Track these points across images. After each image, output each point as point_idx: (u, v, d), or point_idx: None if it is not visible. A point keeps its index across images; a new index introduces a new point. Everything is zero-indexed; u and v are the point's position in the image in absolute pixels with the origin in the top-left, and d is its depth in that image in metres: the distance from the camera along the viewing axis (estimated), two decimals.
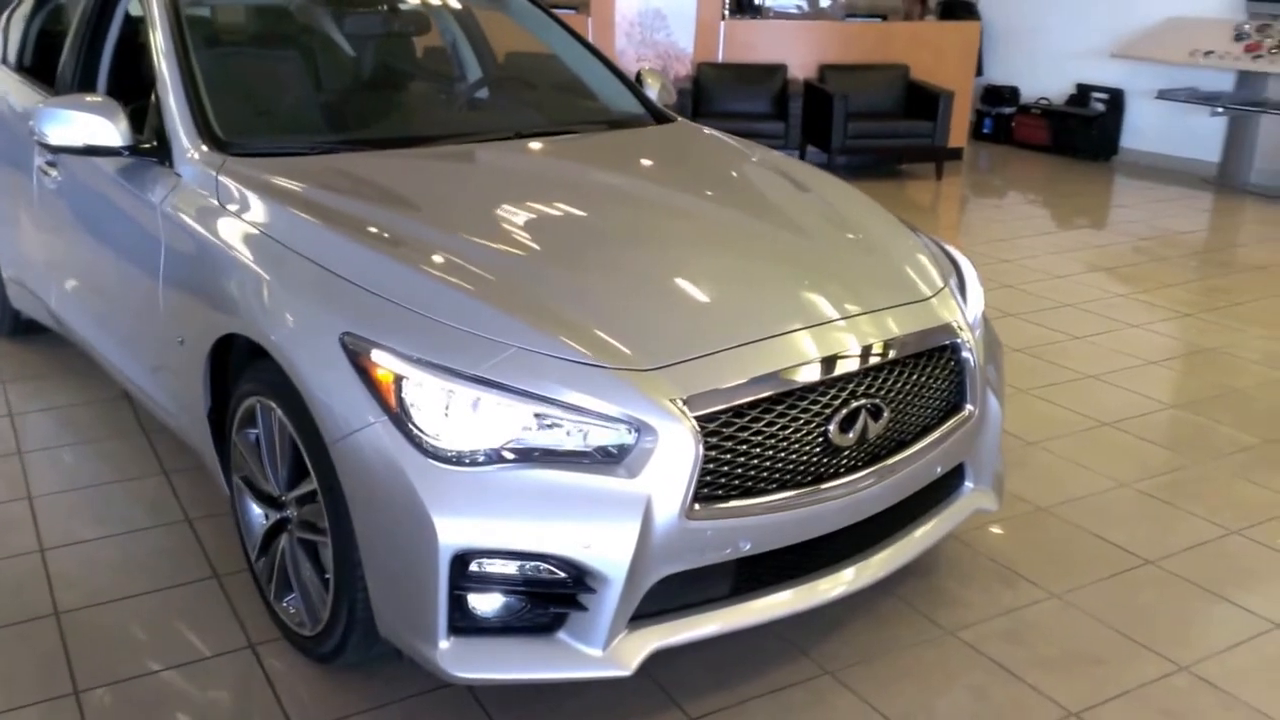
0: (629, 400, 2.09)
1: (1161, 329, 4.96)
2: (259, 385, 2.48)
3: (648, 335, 2.23)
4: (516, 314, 2.21)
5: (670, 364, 2.16)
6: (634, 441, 2.08)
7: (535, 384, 2.10)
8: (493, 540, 2.07)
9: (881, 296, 2.52)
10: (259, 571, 2.67)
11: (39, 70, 3.99)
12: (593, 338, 2.18)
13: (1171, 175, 8.82)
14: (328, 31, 3.65)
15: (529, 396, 2.09)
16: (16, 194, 3.88)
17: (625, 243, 2.61)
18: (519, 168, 3.09)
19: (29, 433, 3.70)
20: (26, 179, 3.70)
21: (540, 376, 2.10)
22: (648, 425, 2.08)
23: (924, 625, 2.64)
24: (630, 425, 2.08)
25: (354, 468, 2.16)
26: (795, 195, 3.06)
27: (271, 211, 2.58)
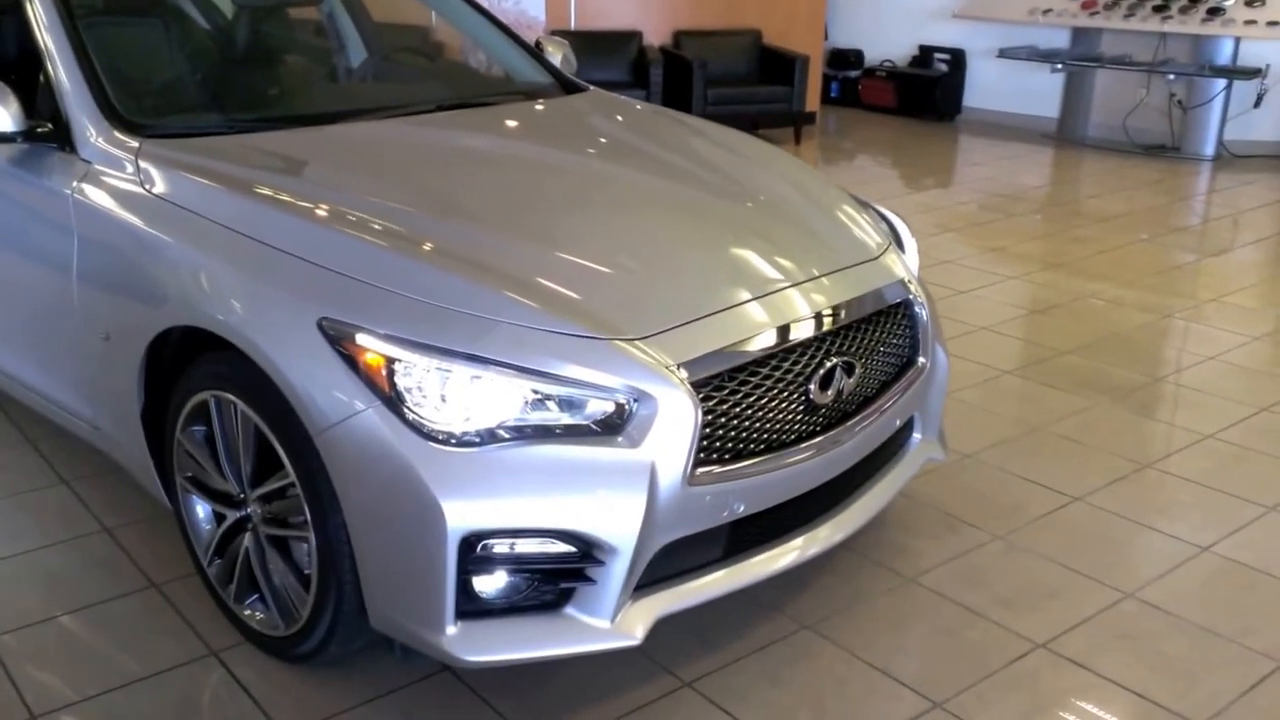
0: (626, 369, 2.16)
1: (1038, 279, 5.32)
2: (214, 379, 2.42)
3: (632, 304, 2.30)
4: (500, 288, 2.24)
5: (660, 331, 2.24)
6: (634, 411, 2.15)
7: (532, 359, 2.13)
8: (500, 520, 2.11)
9: (839, 256, 2.66)
10: (214, 575, 2.62)
11: None
12: (580, 309, 2.23)
13: (1013, 132, 9.39)
14: (221, 3, 3.54)
15: (527, 372, 2.13)
16: None
17: (588, 214, 2.67)
18: (456, 142, 3.09)
19: None
20: None
21: (535, 351, 2.15)
22: (646, 394, 2.15)
23: (886, 575, 2.82)
24: (629, 394, 2.15)
25: (344, 457, 2.15)
26: (735, 160, 3.17)
27: (213, 196, 2.51)
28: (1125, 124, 8.77)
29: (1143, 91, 8.68)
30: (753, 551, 2.41)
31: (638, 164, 3.05)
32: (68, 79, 2.81)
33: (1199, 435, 3.64)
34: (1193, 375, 4.16)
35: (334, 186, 2.61)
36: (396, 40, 4.10)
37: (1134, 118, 8.74)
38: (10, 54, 3.41)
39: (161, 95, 3.07)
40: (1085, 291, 5.15)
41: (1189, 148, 8.40)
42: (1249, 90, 8.27)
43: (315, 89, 3.51)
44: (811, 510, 2.52)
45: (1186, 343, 4.51)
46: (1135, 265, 5.59)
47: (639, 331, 2.22)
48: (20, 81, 2.83)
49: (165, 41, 3.30)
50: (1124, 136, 8.79)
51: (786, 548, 2.45)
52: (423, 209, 2.53)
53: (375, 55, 3.90)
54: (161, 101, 3.04)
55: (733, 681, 2.43)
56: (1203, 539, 3.01)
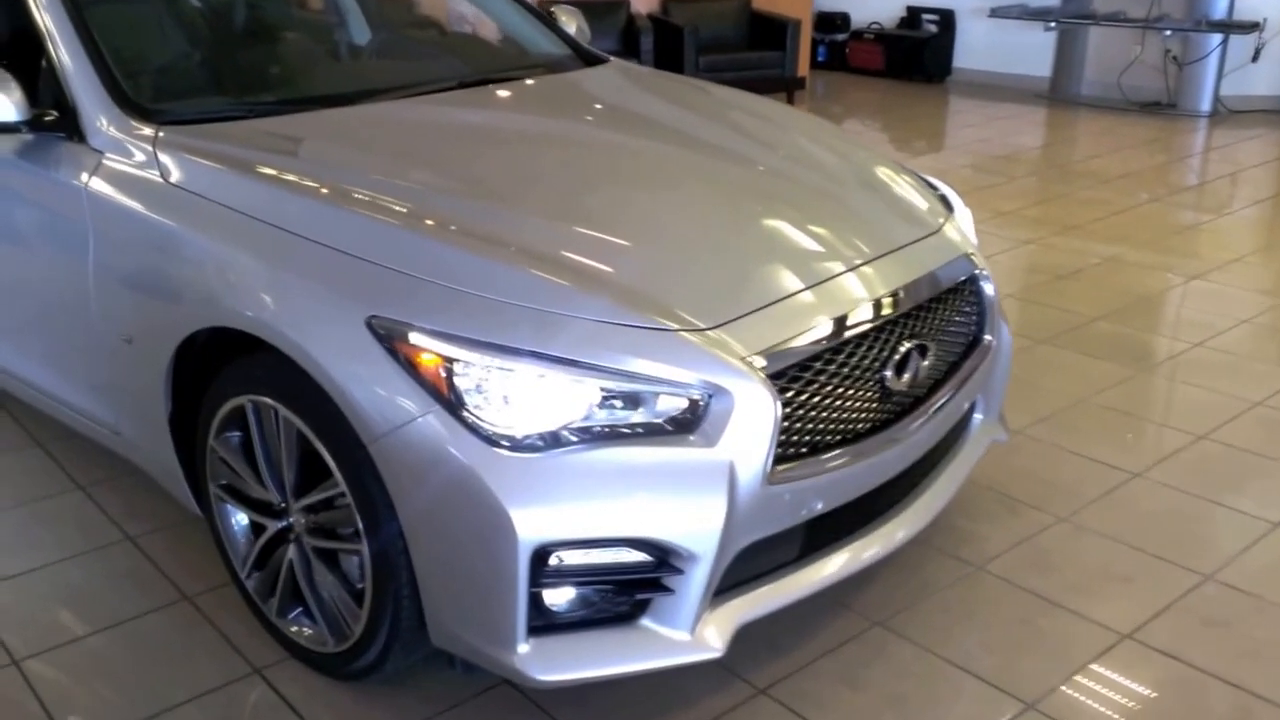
0: (699, 363, 1.99)
1: (1055, 243, 5.18)
2: (251, 383, 2.24)
3: (697, 292, 2.13)
4: (558, 280, 2.06)
5: (730, 320, 2.07)
6: (709, 407, 1.99)
7: (600, 355, 1.96)
8: (572, 530, 1.94)
9: (904, 232, 2.50)
10: (253, 588, 2.44)
11: None
12: (644, 299, 2.06)
13: (1005, 92, 9.21)
14: None
15: (595, 370, 1.95)
16: None
17: (638, 196, 2.48)
18: (489, 121, 2.90)
19: None
20: None
21: (603, 346, 1.97)
22: (721, 388, 1.98)
23: (952, 564, 2.68)
24: (703, 390, 1.98)
25: (402, 466, 1.98)
26: (778, 133, 3.00)
27: (242, 187, 2.31)
28: (1120, 81, 8.61)
29: (1137, 48, 8.52)
30: (829, 550, 2.25)
31: (680, 140, 2.86)
32: (72, 63, 2.59)
33: (1248, 403, 3.51)
34: (1230, 339, 4.03)
35: (371, 173, 2.41)
36: (403, 14, 3.88)
37: (1129, 75, 8.59)
38: (4, 37, 3.18)
39: (172, 78, 2.86)
40: (1105, 255, 5.00)
41: (1185, 104, 8.25)
42: (1245, 44, 8.13)
43: (332, 68, 3.29)
44: (883, 502, 2.37)
45: (1217, 305, 4.38)
46: (1151, 226, 5.45)
47: (708, 321, 2.05)
48: (18, 67, 2.60)
49: (172, 21, 3.08)
50: (1119, 94, 8.63)
51: (864, 543, 2.30)
52: (468, 196, 2.34)
53: (387, 30, 3.69)
54: (173, 85, 2.83)
55: (808, 686, 2.29)
56: (1272, 514, 2.89)
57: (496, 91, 3.08)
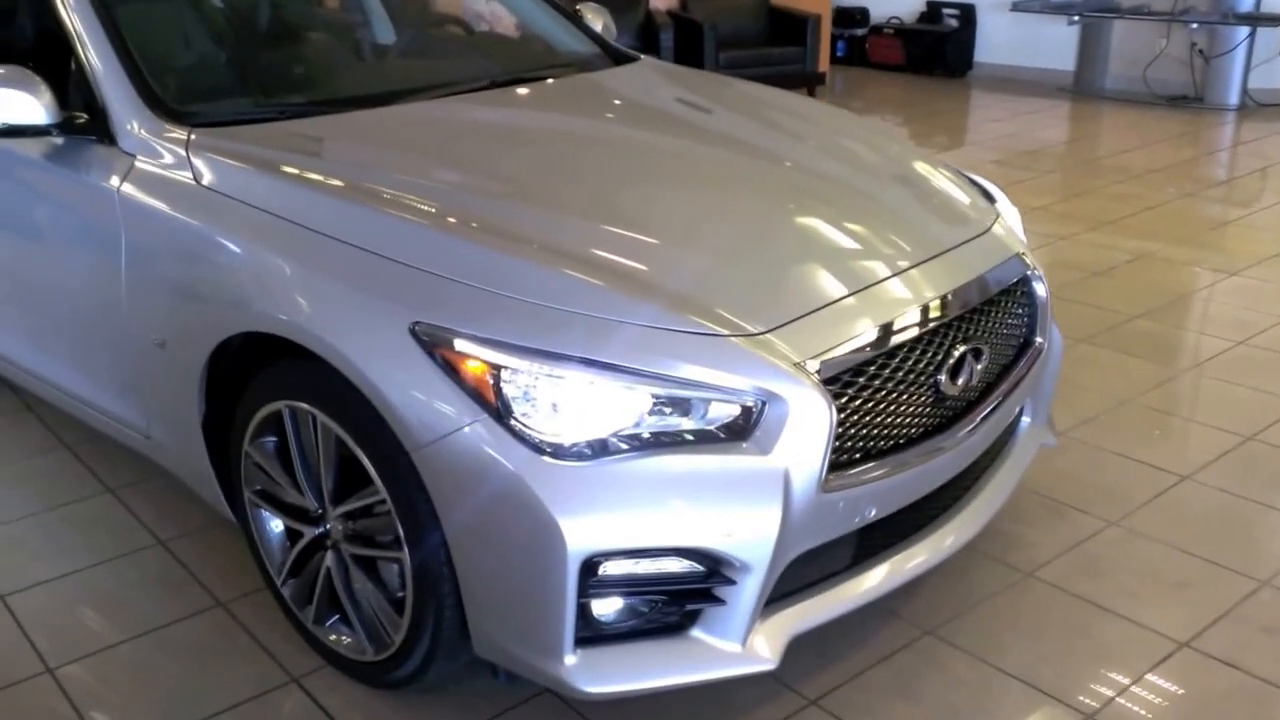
0: (752, 368, 1.92)
1: (1089, 239, 5.09)
2: (288, 389, 2.19)
3: (746, 296, 2.07)
4: (607, 284, 2.00)
5: (782, 324, 2.01)
6: (762, 413, 1.93)
7: (650, 361, 1.90)
8: (622, 539, 1.88)
9: (955, 232, 2.43)
10: (289, 595, 2.39)
11: None
12: (694, 304, 2.00)
13: (1028, 86, 9.10)
14: None
15: (646, 376, 1.90)
16: None
17: (681, 198, 2.42)
18: (526, 122, 2.84)
19: None
20: None
21: (653, 352, 1.91)
22: (775, 394, 1.92)
23: (1001, 570, 2.61)
24: (757, 396, 1.92)
25: (446, 475, 1.92)
26: (819, 131, 2.93)
27: (279, 190, 2.26)
28: (1145, 75, 8.50)
29: (1162, 41, 8.41)
30: (881, 558, 2.19)
31: (720, 140, 2.79)
32: (103, 65, 2.54)
33: None
34: (1272, 337, 3.94)
35: (408, 176, 2.36)
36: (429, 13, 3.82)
37: (1154, 68, 8.48)
38: (28, 38, 3.14)
39: (202, 80, 2.81)
40: (1139, 251, 4.92)
41: (1212, 98, 8.14)
42: (1273, 37, 8.01)
43: (361, 68, 3.24)
44: (934, 509, 2.31)
45: (1256, 302, 4.29)
46: (1184, 222, 5.36)
47: (760, 326, 1.99)
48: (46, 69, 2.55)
49: (200, 21, 3.03)
50: (1144, 88, 8.52)
51: (915, 551, 2.24)
52: (508, 199, 2.29)
53: (413, 30, 3.63)
54: (203, 87, 2.78)
55: (860, 697, 2.23)
56: None
57: (529, 91, 3.01)
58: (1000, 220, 2.59)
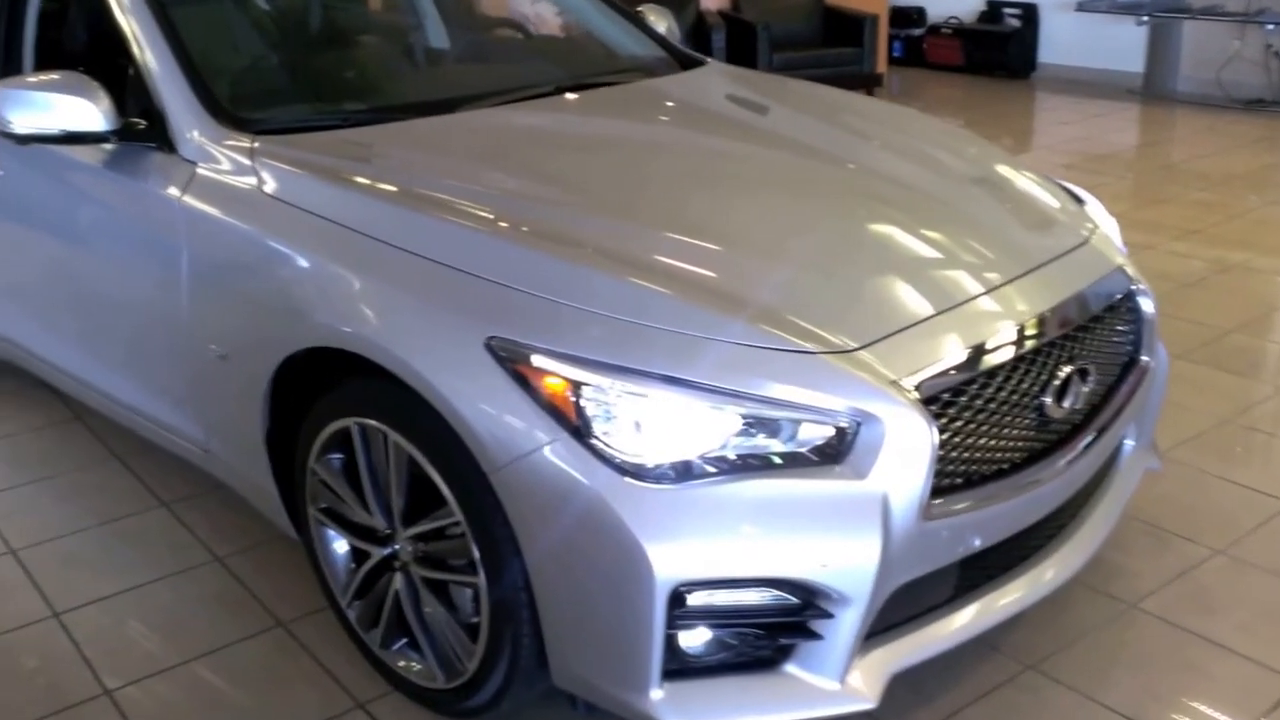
0: (847, 387, 1.84)
1: (1175, 249, 4.95)
2: (357, 405, 2.14)
3: (835, 310, 1.99)
4: (690, 298, 1.93)
5: (876, 340, 1.92)
6: (857, 435, 1.85)
7: (737, 380, 1.83)
8: (712, 568, 1.81)
9: (1054, 243, 2.34)
10: (355, 617, 2.34)
11: None
12: (783, 319, 1.92)
13: (1094, 88, 8.93)
14: None
15: (733, 395, 1.82)
16: None
17: (763, 208, 2.34)
18: (598, 130, 2.78)
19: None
20: None
21: (740, 370, 1.84)
22: (871, 415, 1.84)
23: (1102, 601, 2.51)
24: (852, 417, 1.84)
25: (526, 497, 1.86)
26: (907, 140, 2.84)
27: (347, 200, 2.21)
28: (1219, 77, 8.31)
29: (1236, 42, 8.21)
30: (984, 590, 2.10)
31: (798, 147, 2.71)
32: (161, 70, 2.52)
33: None
34: None
35: (479, 185, 2.31)
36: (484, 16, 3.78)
37: (1228, 70, 8.28)
38: (79, 42, 3.13)
39: (260, 85, 2.78)
40: (1230, 262, 4.77)
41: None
42: None
43: (422, 74, 3.20)
44: (1039, 539, 2.21)
45: None
46: (1273, 230, 5.20)
47: (852, 341, 1.91)
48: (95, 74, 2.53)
49: (255, 25, 3.00)
50: (1218, 90, 8.32)
51: (1020, 583, 2.14)
52: (584, 209, 2.23)
53: (470, 34, 3.58)
54: (261, 93, 2.74)
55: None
56: None
57: (597, 97, 2.95)
58: (1099, 232, 2.49)
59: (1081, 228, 2.46)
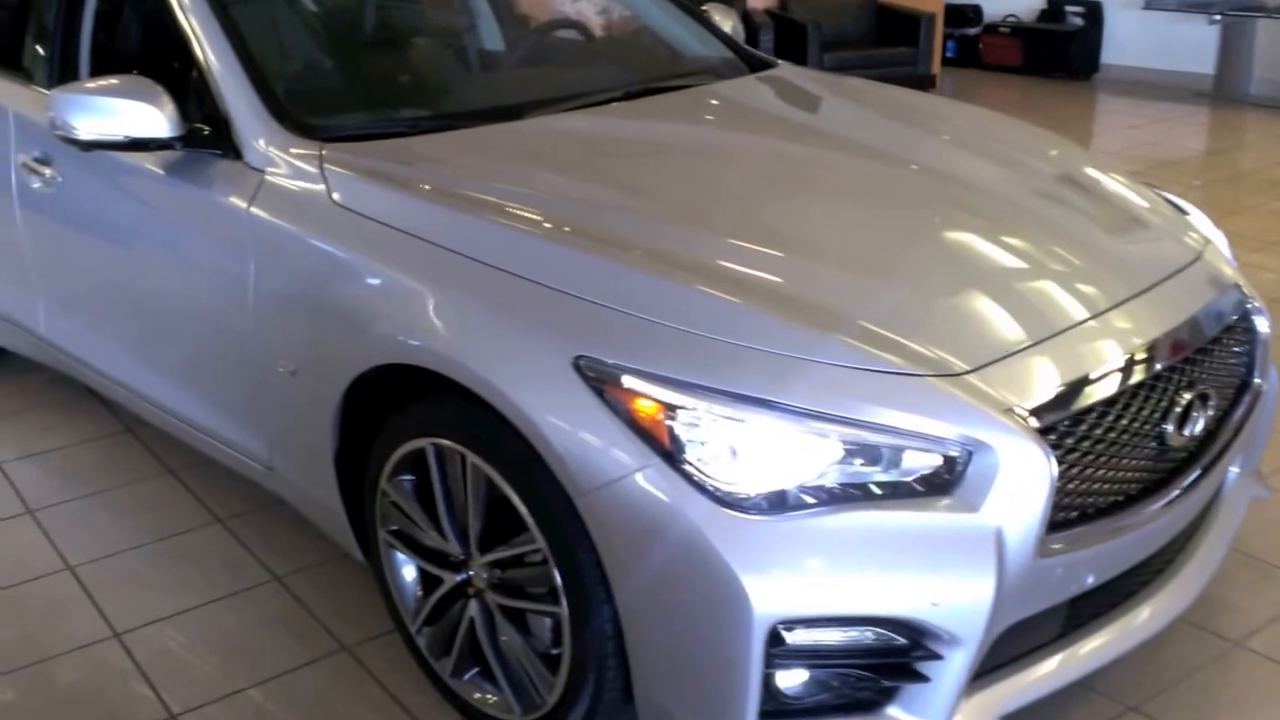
0: (957, 413, 1.79)
1: (1257, 261, 4.83)
2: (434, 425, 2.11)
3: (945, 331, 1.93)
4: (790, 317, 1.88)
5: (987, 363, 1.87)
6: (968, 465, 1.79)
7: (840, 404, 1.78)
8: (814, 605, 1.76)
9: (1169, 259, 2.28)
10: (425, 644, 2.31)
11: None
12: (885, 339, 1.87)
13: (1160, 90, 8.78)
14: None
15: (836, 421, 1.77)
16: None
17: (857, 222, 2.29)
18: (675, 137, 2.73)
19: (30, 485, 3.22)
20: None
21: (843, 394, 1.79)
22: (983, 443, 1.78)
23: (1206, 639, 2.43)
24: (963, 445, 1.78)
25: (615, 526, 1.82)
26: (1001, 145, 2.77)
27: (423, 211, 2.19)
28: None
29: None
30: (1092, 628, 2.04)
31: (887, 156, 2.64)
32: (225, 73, 2.50)
33: None
34: None
35: (558, 196, 2.27)
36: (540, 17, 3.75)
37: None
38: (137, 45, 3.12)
39: (324, 91, 2.76)
40: None
41: None
42: None
43: (489, 77, 3.17)
44: (1147, 573, 2.14)
45: None
46: None
47: (962, 364, 1.85)
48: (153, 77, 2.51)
49: (316, 29, 2.98)
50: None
51: (1127, 621, 2.08)
52: (670, 222, 2.18)
53: (532, 36, 3.55)
54: (326, 98, 2.72)
55: None
56: None
57: (670, 102, 2.90)
58: (1211, 247, 2.42)
59: (1191, 242, 2.39)
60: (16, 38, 3.19)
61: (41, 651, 2.52)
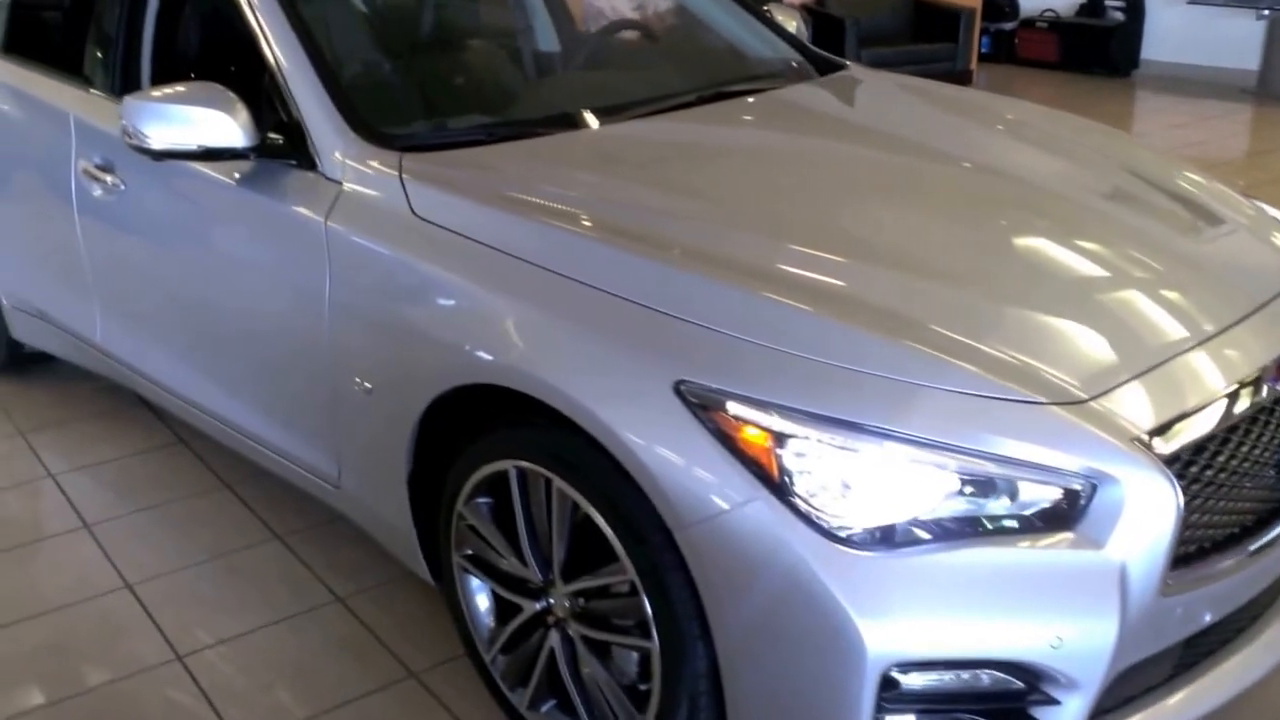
0: (1081, 443, 1.70)
1: None
2: (519, 447, 2.04)
3: (1062, 354, 1.85)
4: (903, 340, 1.80)
5: (1110, 388, 1.78)
6: (1091, 498, 1.71)
7: (958, 434, 1.70)
8: (928, 647, 1.69)
9: (1274, 271, 2.18)
10: (500, 672, 2.25)
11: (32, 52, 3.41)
12: (1005, 364, 1.79)
13: (1203, 87, 8.66)
14: None
15: (955, 451, 1.69)
16: (33, 205, 3.31)
17: (958, 234, 2.20)
18: (764, 143, 2.64)
19: (84, 498, 3.17)
20: (52, 187, 3.13)
21: (961, 423, 1.71)
22: (1108, 475, 1.70)
23: None
24: (1087, 477, 1.70)
25: (716, 560, 1.75)
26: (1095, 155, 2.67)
27: (510, 225, 2.11)
28: None
29: None
30: (1204, 668, 1.95)
31: (982, 163, 2.55)
32: (299, 79, 2.43)
33: None
34: None
35: (650, 208, 2.19)
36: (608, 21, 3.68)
37: None
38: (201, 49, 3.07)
39: (399, 97, 2.70)
40: None
41: None
42: None
43: (558, 81, 3.10)
44: (1256, 608, 2.05)
45: None
46: None
47: (1083, 390, 1.77)
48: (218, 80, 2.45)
49: (386, 28, 2.91)
50: None
51: (1240, 660, 1.98)
52: (771, 237, 2.09)
53: (597, 37, 3.47)
54: (401, 105, 2.66)
55: None
56: None
57: (750, 107, 2.81)
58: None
59: None
60: (76, 42, 3.13)
61: (105, 674, 2.47)
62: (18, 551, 2.94)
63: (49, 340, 3.54)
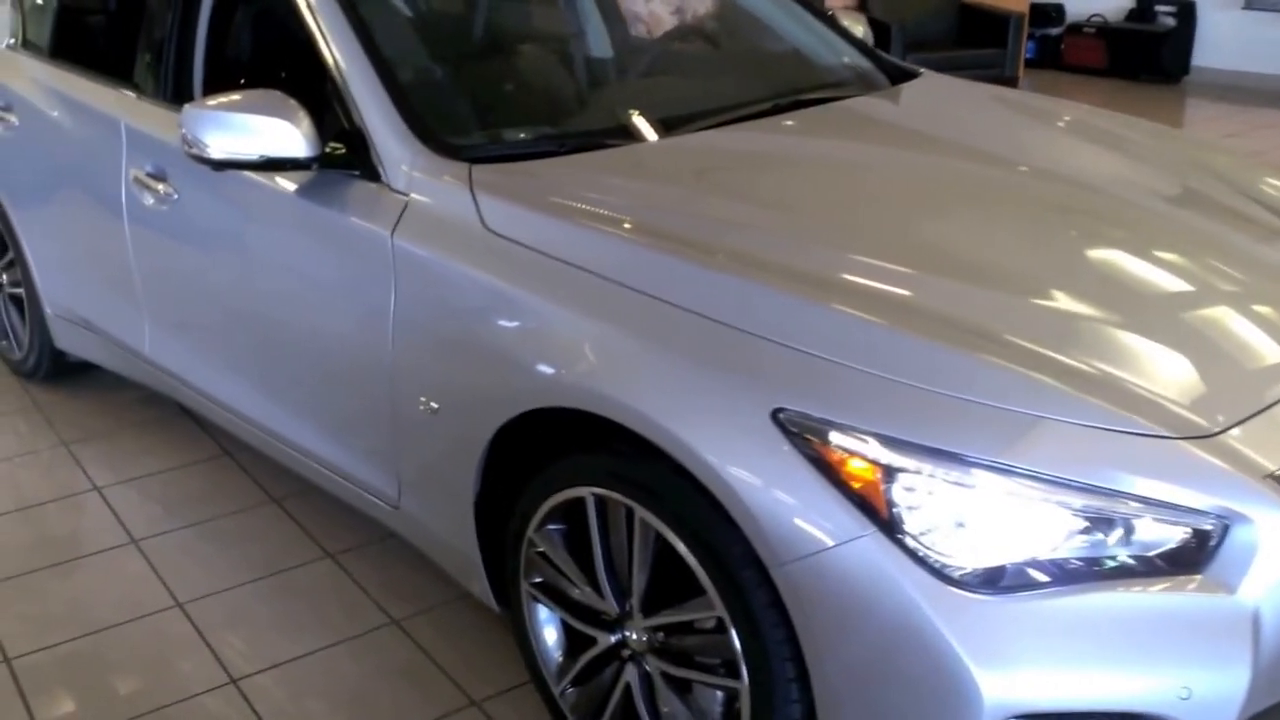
0: (1210, 480, 1.60)
1: None
2: (597, 473, 1.94)
3: (1185, 383, 1.74)
4: (1018, 367, 1.70)
5: (1240, 421, 1.67)
6: (1222, 539, 1.60)
7: (1082, 469, 1.59)
8: (1049, 697, 1.58)
9: None
10: (569, 705, 2.15)
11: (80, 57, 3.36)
12: (1127, 394, 1.68)
13: (1257, 95, 8.51)
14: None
15: (1076, 489, 1.59)
16: (80, 214, 3.25)
17: (1058, 258, 2.07)
18: (848, 156, 2.52)
19: (131, 513, 3.10)
20: (101, 195, 3.06)
21: (1088, 458, 1.60)
22: (1240, 514, 1.59)
23: None
24: (1218, 516, 1.59)
25: (818, 600, 1.65)
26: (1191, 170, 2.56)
27: (588, 241, 2.01)
28: None
29: None
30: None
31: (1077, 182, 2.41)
32: (364, 86, 2.35)
33: None
34: None
35: (741, 225, 2.09)
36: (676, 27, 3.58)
37: None
38: (245, 49, 3.00)
39: (466, 106, 2.61)
40: None
41: None
42: None
43: (627, 89, 2.99)
44: None
45: None
46: None
47: (1211, 423, 1.66)
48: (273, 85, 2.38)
49: (447, 30, 2.83)
50: None
51: None
52: (873, 257, 1.98)
53: (661, 44, 3.37)
54: (468, 114, 2.57)
55: None
56: None
57: (827, 117, 2.70)
58: None
59: None
60: (126, 47, 3.07)
61: (156, 698, 2.39)
62: (64, 567, 2.87)
63: (93, 350, 3.48)
